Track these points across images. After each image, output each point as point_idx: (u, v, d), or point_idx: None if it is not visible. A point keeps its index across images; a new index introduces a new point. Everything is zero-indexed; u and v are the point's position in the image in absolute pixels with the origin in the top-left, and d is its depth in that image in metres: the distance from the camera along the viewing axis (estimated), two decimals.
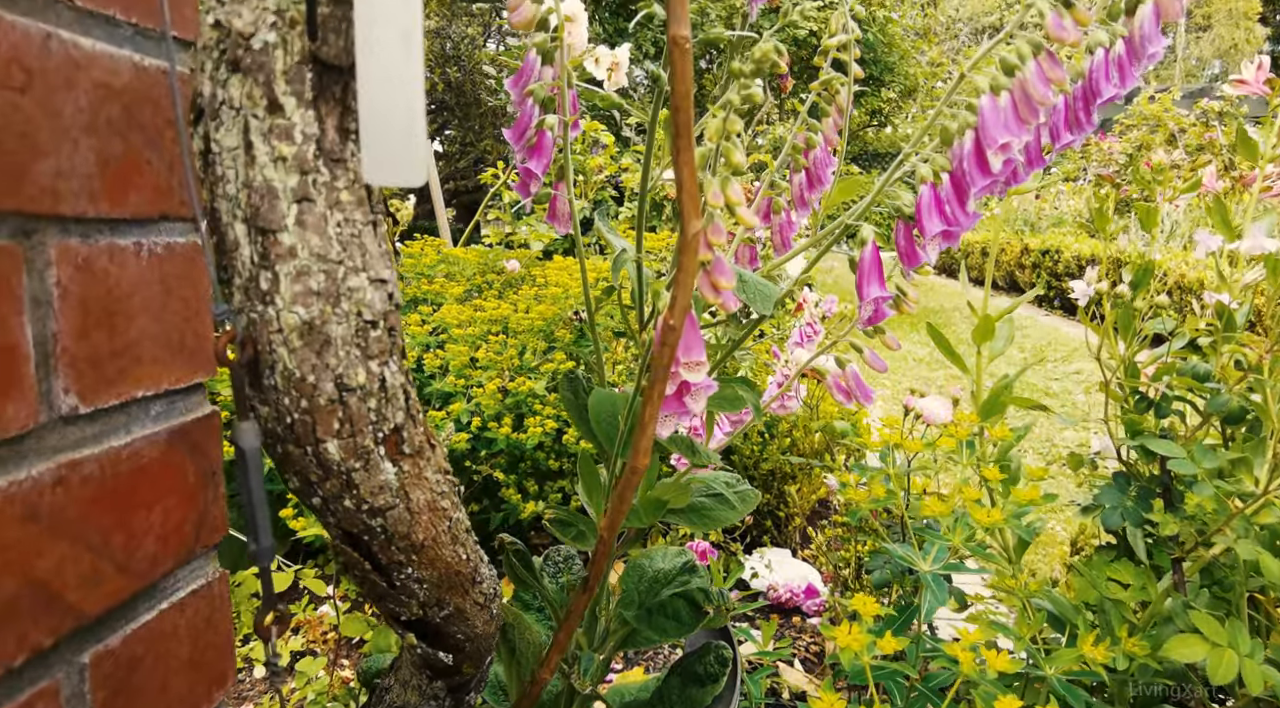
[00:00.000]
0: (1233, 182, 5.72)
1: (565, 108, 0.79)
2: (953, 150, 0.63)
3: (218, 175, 0.38)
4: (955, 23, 22.64)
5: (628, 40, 5.63)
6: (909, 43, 7.74)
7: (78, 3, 0.42)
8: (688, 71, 0.42)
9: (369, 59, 0.34)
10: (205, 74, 0.37)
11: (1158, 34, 0.70)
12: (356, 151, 0.38)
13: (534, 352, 2.08)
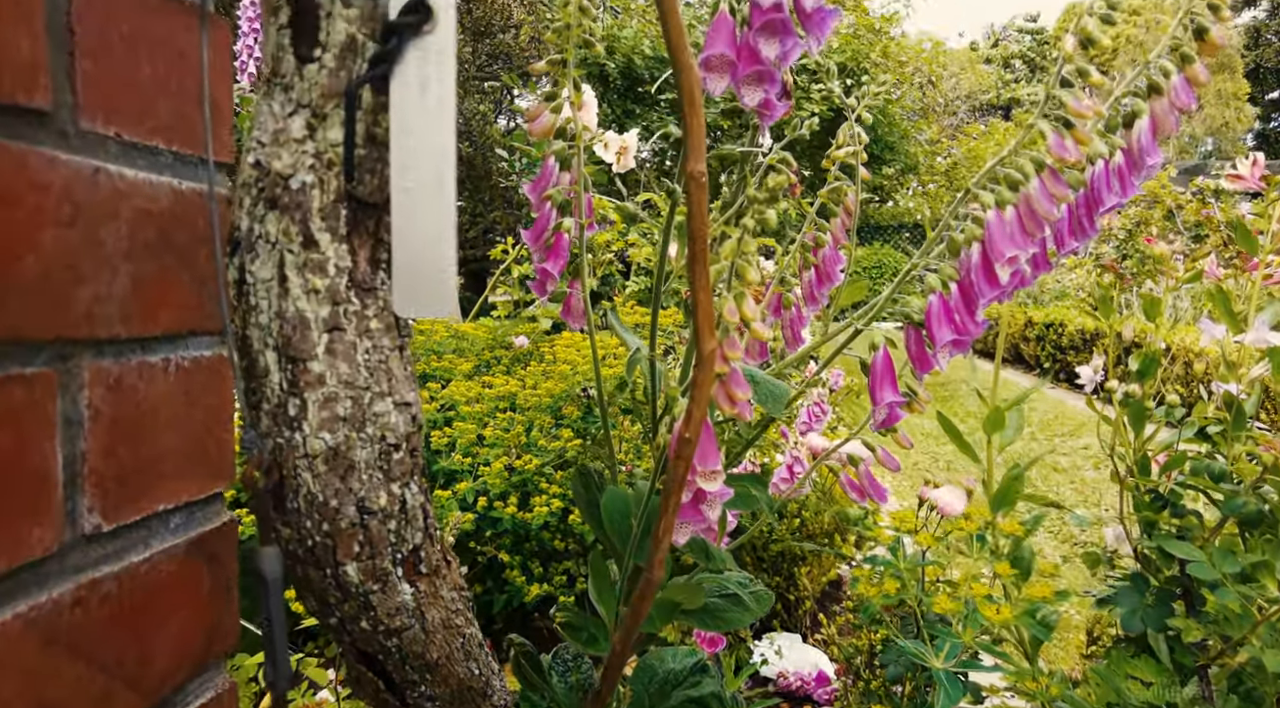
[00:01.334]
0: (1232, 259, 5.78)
1: (581, 211, 0.81)
2: (960, 260, 0.64)
3: (251, 305, 0.39)
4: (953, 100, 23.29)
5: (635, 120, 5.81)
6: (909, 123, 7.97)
7: (126, 137, 0.44)
8: (704, 203, 0.44)
9: (403, 198, 0.36)
10: (243, 210, 0.39)
11: (1155, 147, 0.72)
12: (387, 279, 0.39)
13: (541, 428, 2.08)
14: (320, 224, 0.37)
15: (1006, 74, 29.81)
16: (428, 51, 0.36)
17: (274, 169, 0.37)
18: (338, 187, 0.37)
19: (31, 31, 0.38)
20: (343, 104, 0.36)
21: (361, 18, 0.36)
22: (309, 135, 0.36)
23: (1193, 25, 0.71)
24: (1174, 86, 0.71)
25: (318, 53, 0.36)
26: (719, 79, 0.58)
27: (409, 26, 0.36)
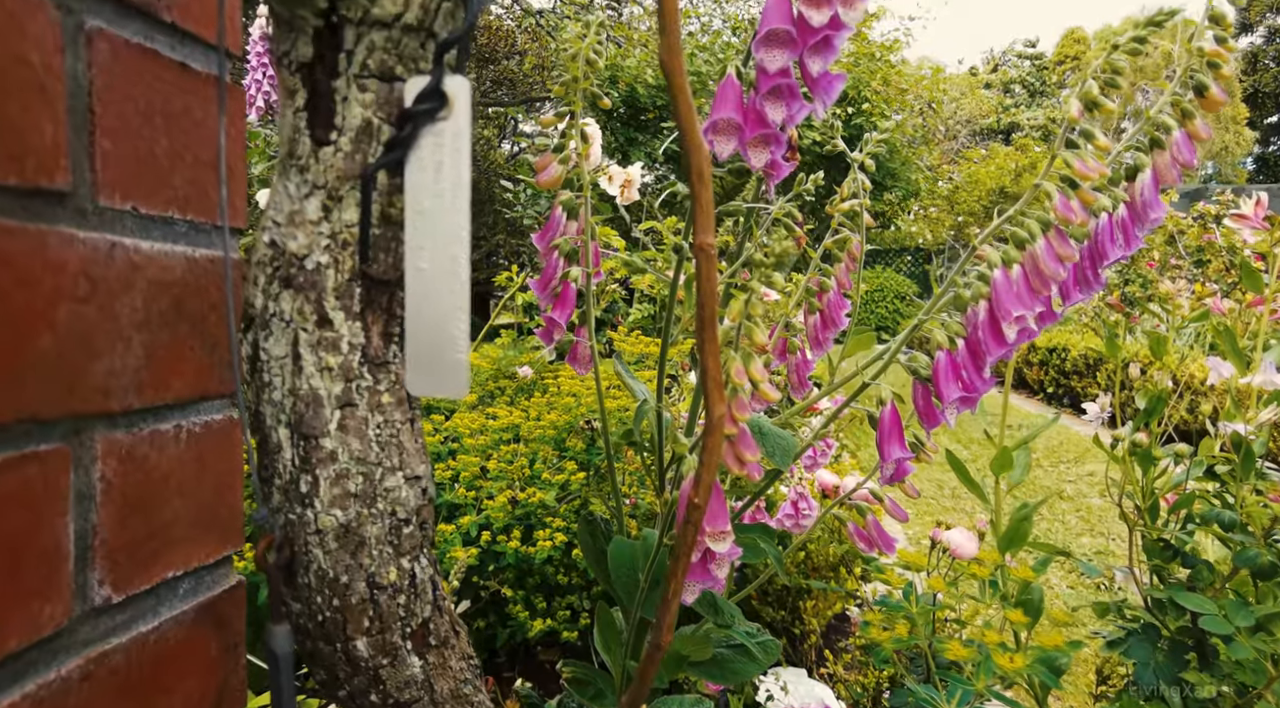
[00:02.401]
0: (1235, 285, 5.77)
1: (588, 260, 0.82)
2: (967, 315, 0.65)
3: (264, 381, 0.39)
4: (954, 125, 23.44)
5: (638, 148, 5.86)
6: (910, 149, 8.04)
7: (142, 210, 0.45)
8: (713, 274, 0.44)
9: (417, 279, 0.36)
10: (258, 287, 0.39)
11: (1158, 201, 0.73)
12: (399, 352, 0.40)
13: (545, 461, 2.07)
14: (334, 303, 0.37)
15: (1006, 99, 30.06)
16: (442, 136, 0.37)
17: (289, 250, 0.37)
18: (352, 266, 0.37)
19: (54, 116, 0.39)
20: (358, 186, 0.37)
21: (377, 102, 0.37)
22: (324, 217, 0.37)
23: (1193, 82, 0.72)
24: (1175, 142, 0.72)
25: (334, 136, 0.36)
26: (726, 142, 0.59)
27: (424, 113, 0.36)
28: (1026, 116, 28.75)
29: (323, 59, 0.36)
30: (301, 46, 0.36)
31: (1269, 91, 27.74)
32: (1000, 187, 12.82)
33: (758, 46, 0.56)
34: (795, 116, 0.59)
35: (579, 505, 2.01)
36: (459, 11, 0.38)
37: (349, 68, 0.36)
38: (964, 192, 13.23)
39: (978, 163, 13.68)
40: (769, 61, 0.56)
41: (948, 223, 13.41)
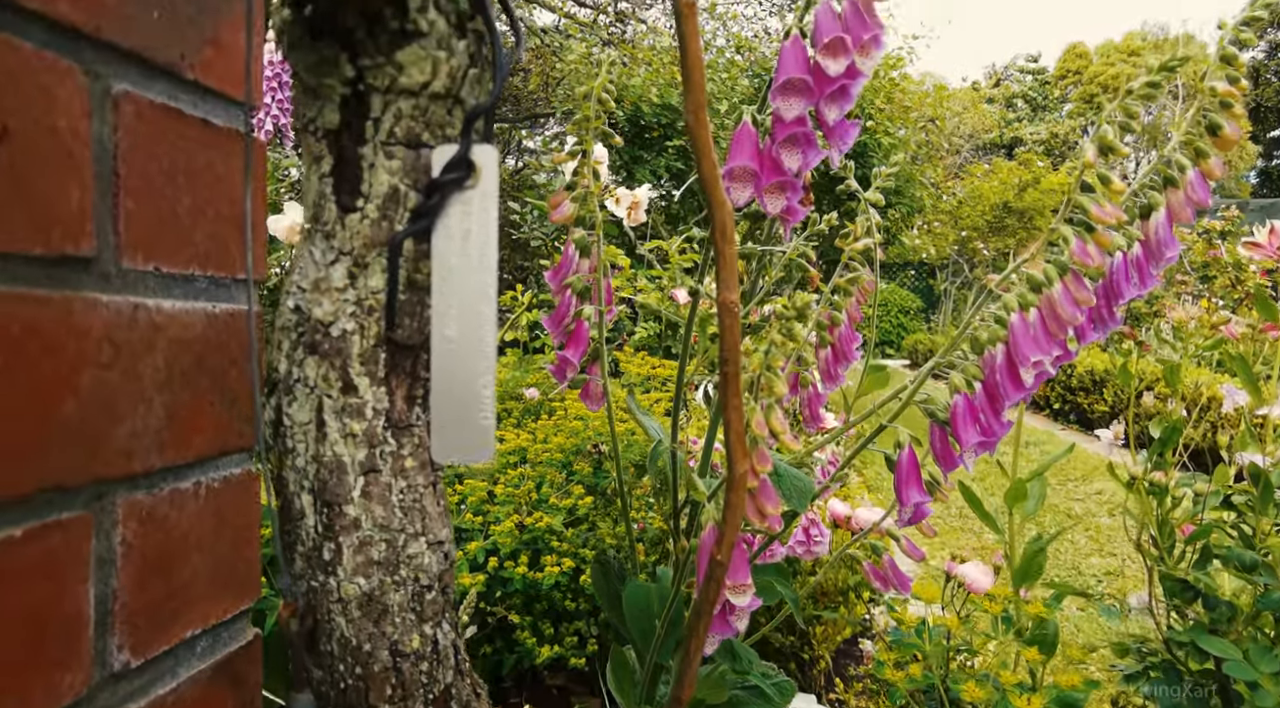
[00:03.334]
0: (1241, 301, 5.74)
1: (600, 298, 0.81)
2: (984, 358, 0.64)
3: (288, 447, 0.39)
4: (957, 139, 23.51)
5: (643, 165, 5.88)
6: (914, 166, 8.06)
7: (164, 270, 0.45)
8: (736, 331, 0.44)
9: (443, 346, 0.36)
10: (282, 352, 0.39)
11: (1172, 239, 0.73)
12: (423, 415, 0.40)
13: (551, 484, 2.07)
14: (359, 368, 0.37)
15: (1009, 113, 30.16)
16: (470, 204, 0.37)
17: (314, 316, 0.37)
18: (377, 332, 0.37)
19: (81, 182, 0.39)
20: (384, 253, 0.37)
21: (404, 169, 0.37)
22: (350, 284, 0.37)
23: (1206, 121, 0.72)
24: (1190, 181, 0.72)
25: (360, 203, 0.36)
26: (743, 188, 0.59)
27: (452, 182, 0.36)
28: (1029, 131, 28.83)
29: (349, 126, 0.36)
30: (328, 114, 0.36)
31: (1271, 106, 27.80)
32: (1004, 201, 12.83)
33: (774, 95, 0.56)
34: (810, 162, 0.59)
35: (586, 529, 2.00)
36: (484, 77, 0.38)
37: (376, 135, 0.36)
38: (967, 206, 13.24)
39: (981, 178, 13.69)
40: (785, 110, 0.56)
41: (951, 237, 13.41)
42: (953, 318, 13.52)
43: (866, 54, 0.55)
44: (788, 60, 0.55)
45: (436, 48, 0.35)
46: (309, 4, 0.34)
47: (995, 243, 13.17)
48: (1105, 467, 1.54)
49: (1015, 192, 12.82)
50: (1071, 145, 30.08)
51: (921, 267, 16.42)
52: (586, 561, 1.92)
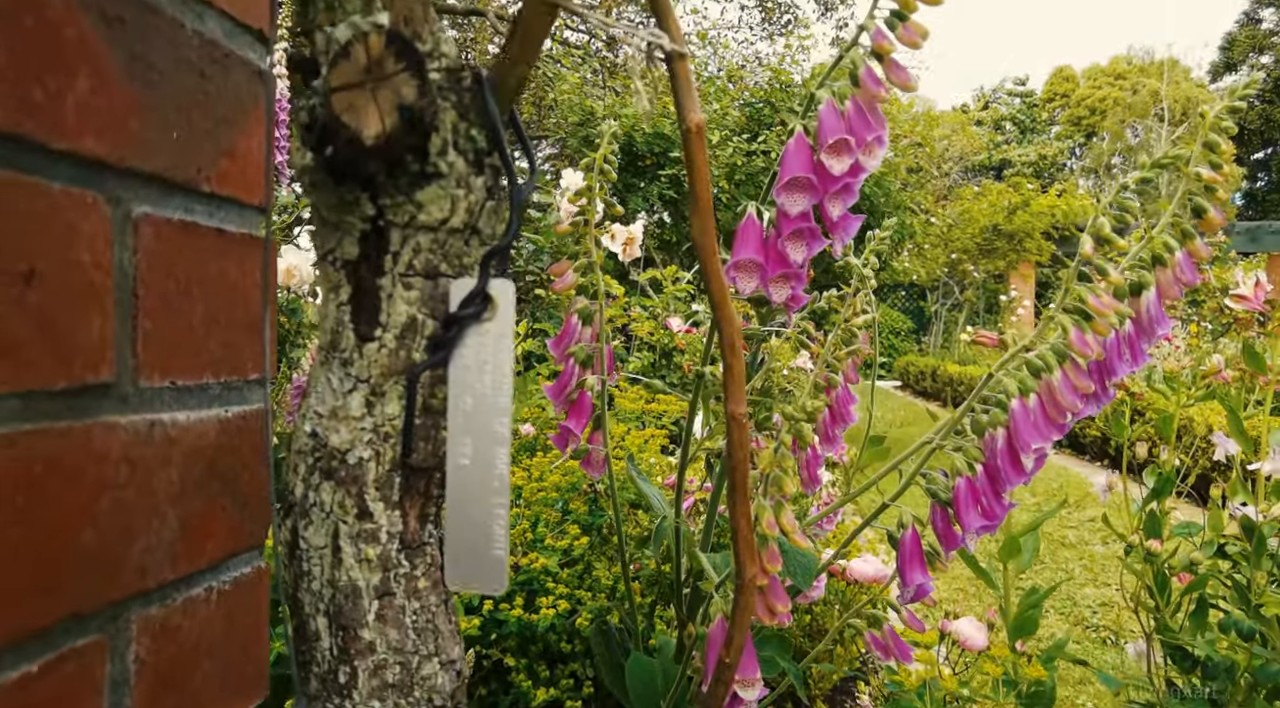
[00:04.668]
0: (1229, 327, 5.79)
1: (603, 366, 0.82)
2: (985, 440, 0.65)
3: (303, 570, 0.40)
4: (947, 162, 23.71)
5: (636, 193, 5.92)
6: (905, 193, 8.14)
7: (179, 382, 0.45)
8: (745, 441, 0.45)
9: (457, 474, 0.37)
10: (298, 476, 0.40)
11: (1163, 316, 0.74)
12: (434, 531, 0.40)
13: (547, 523, 2.06)
14: (374, 494, 0.38)
15: (998, 136, 30.50)
16: (486, 336, 0.37)
17: (331, 443, 0.38)
18: (393, 457, 0.38)
19: (102, 310, 0.39)
20: (400, 381, 0.37)
21: (422, 299, 0.37)
22: (367, 412, 0.37)
23: (1191, 204, 0.74)
24: (1178, 261, 0.73)
25: (378, 333, 0.37)
26: (749, 280, 0.60)
27: (470, 316, 0.37)
28: (1018, 153, 29.16)
29: (368, 258, 0.37)
30: (348, 246, 0.37)
31: (1254, 128, 28.21)
32: (994, 224, 12.93)
33: (779, 192, 0.57)
34: (814, 252, 0.61)
35: (581, 570, 1.99)
36: (501, 207, 0.39)
37: (394, 267, 0.37)
38: (957, 229, 13.34)
39: (970, 200, 13.81)
40: (790, 206, 0.57)
41: (941, 260, 13.50)
42: (943, 340, 13.58)
43: (870, 153, 0.56)
44: (792, 159, 0.57)
45: (455, 186, 0.36)
46: (329, 145, 0.34)
47: (985, 265, 13.26)
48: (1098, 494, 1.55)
49: (1005, 214, 12.93)
50: (1060, 166, 30.43)
51: (912, 288, 16.51)
52: (582, 602, 1.91)
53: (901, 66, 0.56)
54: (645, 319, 4.06)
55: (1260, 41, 28.50)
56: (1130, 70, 30.64)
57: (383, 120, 0.34)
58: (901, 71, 0.56)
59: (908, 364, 11.82)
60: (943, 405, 10.33)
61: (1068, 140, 31.01)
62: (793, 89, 6.60)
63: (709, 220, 0.42)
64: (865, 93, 0.56)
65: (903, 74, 0.56)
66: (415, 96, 0.34)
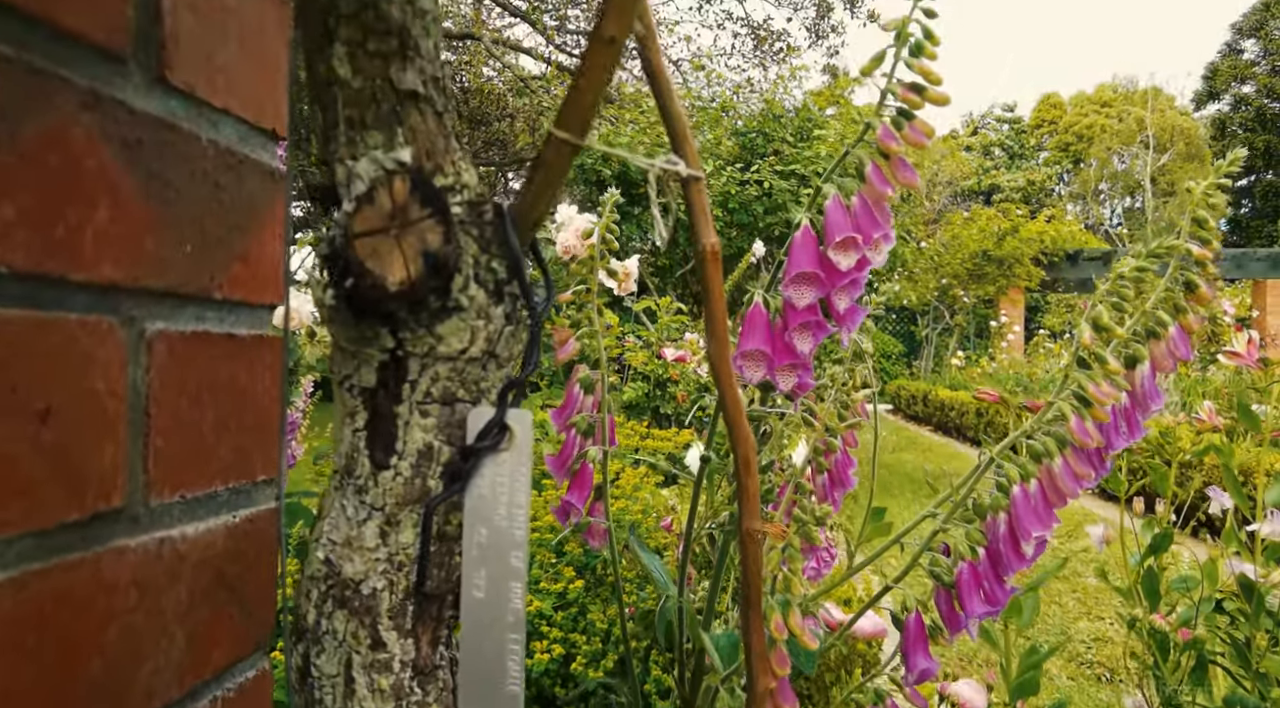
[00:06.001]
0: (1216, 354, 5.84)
1: (605, 437, 0.82)
2: (987, 523, 0.65)
3: (315, 698, 0.39)
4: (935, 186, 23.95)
5: (630, 220, 5.95)
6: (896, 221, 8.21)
7: (189, 495, 0.45)
8: (759, 557, 0.45)
9: (471, 605, 0.37)
10: (310, 601, 0.40)
11: (1157, 391, 0.75)
12: (445, 652, 0.40)
13: (542, 565, 2.05)
14: (389, 623, 0.38)
15: (986, 161, 30.85)
16: (502, 466, 0.37)
17: (345, 573, 0.38)
18: (407, 586, 0.38)
19: (115, 436, 0.39)
20: (415, 509, 0.37)
21: (438, 426, 0.37)
22: (381, 542, 0.37)
23: (1182, 279, 0.75)
24: (1171, 337, 0.74)
25: (394, 461, 0.37)
26: (755, 369, 0.60)
27: (487, 447, 0.37)
28: (1006, 178, 29.48)
29: (385, 386, 0.37)
30: (365, 374, 0.37)
31: None
32: (983, 250, 13.03)
33: (786, 285, 0.58)
34: (819, 340, 0.61)
35: (576, 612, 1.98)
36: (519, 331, 0.39)
37: (412, 395, 0.37)
38: (947, 254, 13.44)
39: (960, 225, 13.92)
40: (798, 299, 0.58)
41: (931, 284, 13.58)
42: (934, 364, 13.63)
43: (877, 250, 0.57)
44: (799, 253, 0.57)
45: (476, 317, 0.36)
46: (349, 277, 0.35)
47: (975, 290, 13.36)
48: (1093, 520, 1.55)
49: (994, 240, 13.04)
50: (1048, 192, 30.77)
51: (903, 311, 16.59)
52: (577, 646, 1.89)
53: (908, 165, 0.57)
54: (639, 349, 4.06)
55: (1242, 72, 29.02)
56: (1116, 98, 31.12)
57: (407, 267, 0.34)
58: (908, 171, 0.57)
59: (899, 388, 11.86)
60: (934, 431, 10.34)
61: (1056, 166, 31.39)
62: (784, 119, 6.68)
63: (724, 342, 0.42)
64: (871, 191, 0.57)
65: (909, 174, 0.57)
66: (440, 243, 0.34)
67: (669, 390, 4.07)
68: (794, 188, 6.22)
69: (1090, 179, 29.33)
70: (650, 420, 3.98)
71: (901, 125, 0.56)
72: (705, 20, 13.43)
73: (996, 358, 11.57)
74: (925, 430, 10.17)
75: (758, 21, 13.09)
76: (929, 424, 10.50)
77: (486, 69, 14.22)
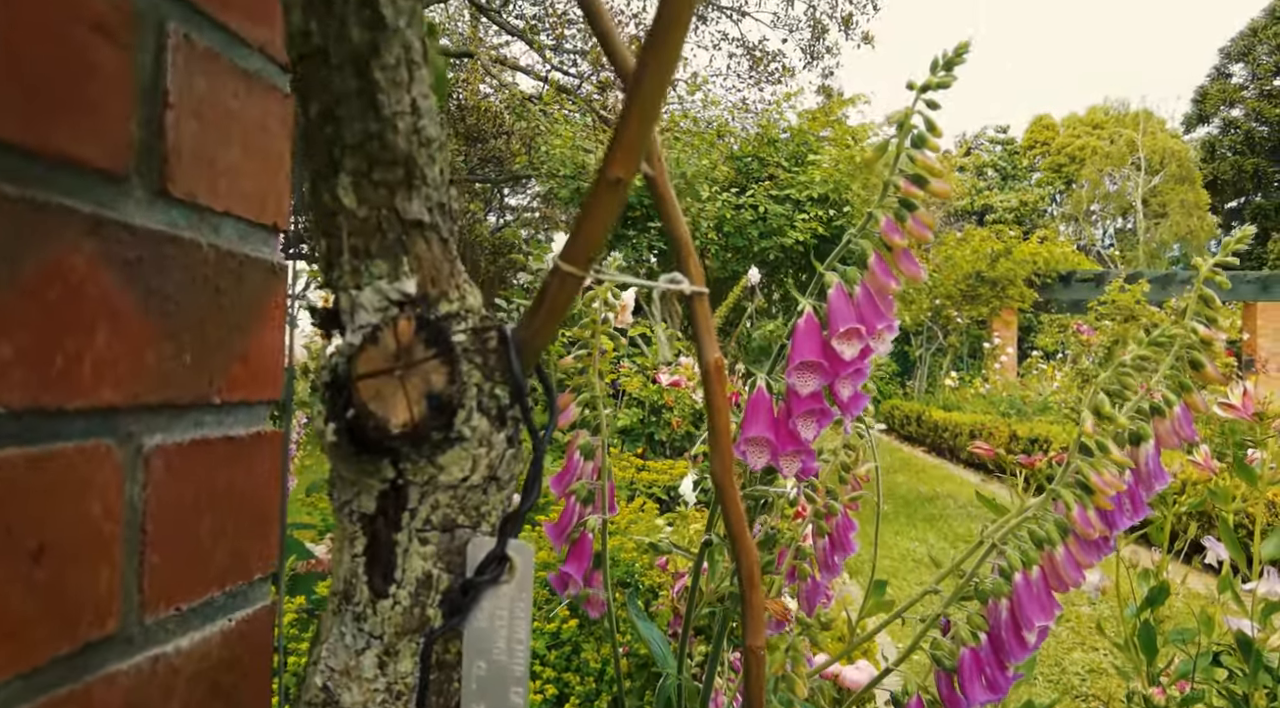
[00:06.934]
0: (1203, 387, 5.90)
1: (605, 505, 0.81)
2: (989, 608, 0.65)
3: None
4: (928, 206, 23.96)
5: (626, 243, 5.97)
6: None
7: (185, 606, 0.44)
8: (762, 675, 0.44)
9: None
10: None
11: (1161, 470, 0.75)
12: None
13: (536, 602, 2.03)
14: None
15: (979, 182, 31.08)
16: (502, 599, 0.37)
17: (343, 702, 0.37)
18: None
19: (110, 561, 0.38)
20: (414, 639, 0.37)
21: (438, 553, 0.37)
22: (380, 672, 0.37)
23: (1189, 356, 0.75)
24: (1176, 416, 0.74)
25: (393, 589, 0.37)
26: (759, 455, 0.60)
27: (488, 581, 0.37)
28: (999, 199, 29.70)
29: (385, 513, 0.37)
30: (364, 501, 0.37)
31: (1227, 179, 28.91)
32: (977, 271, 13.10)
33: (790, 373, 0.58)
34: (824, 427, 0.61)
35: (569, 651, 1.96)
36: (522, 452, 0.39)
37: (411, 522, 0.37)
38: (941, 275, 13.50)
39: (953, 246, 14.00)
40: (801, 386, 0.57)
41: (925, 305, 13.63)
42: (928, 384, 13.66)
43: (880, 339, 0.57)
44: (803, 342, 0.57)
45: (478, 446, 0.36)
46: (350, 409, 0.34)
47: (969, 311, 13.41)
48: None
49: (988, 261, 13.11)
50: (1041, 212, 30.99)
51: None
52: (570, 686, 1.88)
53: (911, 257, 0.57)
54: (635, 374, 4.06)
55: (1231, 95, 29.36)
56: (1107, 120, 31.44)
57: (410, 409, 0.34)
58: (911, 263, 0.57)
59: (893, 408, 11.86)
60: (928, 451, 10.34)
61: (1048, 187, 31.65)
62: (779, 143, 6.73)
63: (729, 457, 0.42)
64: (875, 281, 0.57)
65: (912, 266, 0.57)
66: (445, 384, 0.34)
67: (664, 417, 4.06)
68: (788, 212, 6.26)
69: (1082, 200, 29.56)
70: (645, 447, 3.97)
71: (905, 217, 0.56)
72: (701, 41, 13.50)
73: (990, 379, 11.60)
74: (919, 451, 10.16)
75: (753, 42, 13.21)
76: (923, 445, 10.50)
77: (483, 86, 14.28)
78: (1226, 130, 29.72)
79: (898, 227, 0.56)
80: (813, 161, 6.42)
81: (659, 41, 0.31)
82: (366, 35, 0.34)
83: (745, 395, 0.63)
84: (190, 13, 0.43)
